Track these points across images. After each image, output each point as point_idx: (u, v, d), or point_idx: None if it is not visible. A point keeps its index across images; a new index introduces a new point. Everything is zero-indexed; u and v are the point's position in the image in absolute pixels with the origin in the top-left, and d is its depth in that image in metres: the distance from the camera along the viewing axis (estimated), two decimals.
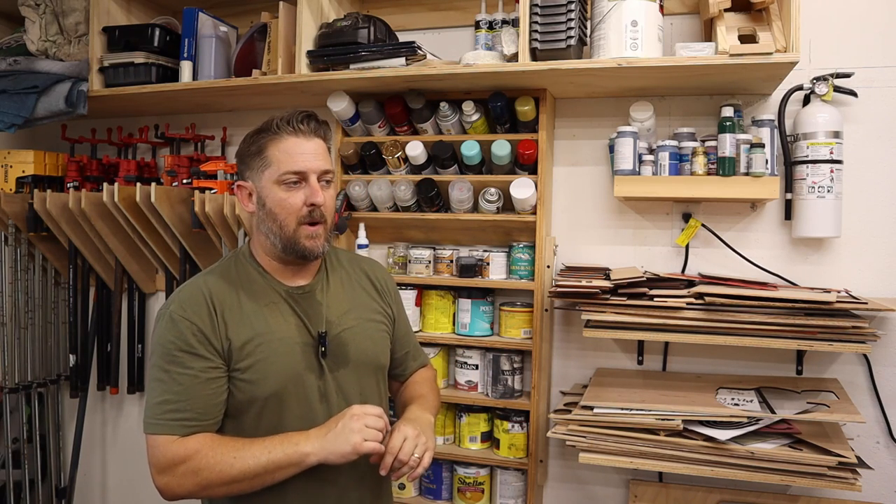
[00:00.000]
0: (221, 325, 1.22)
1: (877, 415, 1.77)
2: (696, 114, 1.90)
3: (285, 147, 1.24)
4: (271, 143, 1.25)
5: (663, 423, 1.56)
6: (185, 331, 1.20)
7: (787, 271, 1.84)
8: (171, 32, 2.18)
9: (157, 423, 1.19)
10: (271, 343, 1.24)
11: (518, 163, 1.91)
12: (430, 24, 2.14)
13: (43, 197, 2.20)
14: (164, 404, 1.19)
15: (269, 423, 1.24)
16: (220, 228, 2.09)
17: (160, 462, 1.18)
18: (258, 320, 1.25)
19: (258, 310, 1.26)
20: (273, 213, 1.25)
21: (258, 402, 1.23)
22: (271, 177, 1.24)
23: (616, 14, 1.65)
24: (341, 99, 1.97)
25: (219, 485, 1.16)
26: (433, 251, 2.05)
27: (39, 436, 2.44)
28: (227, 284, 1.27)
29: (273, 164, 1.24)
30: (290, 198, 1.24)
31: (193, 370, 1.19)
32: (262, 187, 1.26)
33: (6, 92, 2.11)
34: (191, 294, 1.25)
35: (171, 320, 1.21)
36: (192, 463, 1.16)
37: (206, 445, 1.18)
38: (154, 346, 1.23)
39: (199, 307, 1.22)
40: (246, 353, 1.22)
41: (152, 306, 2.52)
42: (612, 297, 1.66)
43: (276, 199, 1.24)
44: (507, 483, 1.98)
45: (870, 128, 1.78)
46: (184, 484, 1.17)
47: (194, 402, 1.19)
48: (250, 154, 1.28)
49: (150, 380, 1.22)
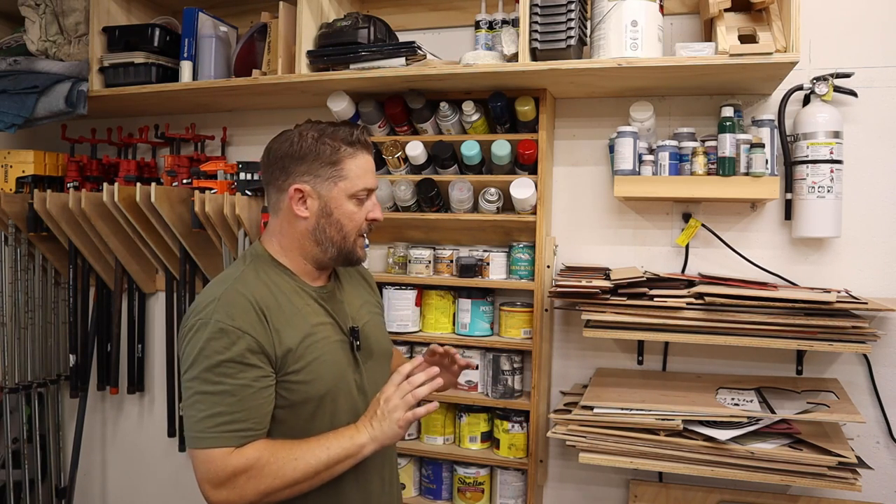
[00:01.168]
0: (274, 333, 1.21)
1: (877, 415, 1.77)
2: (696, 114, 1.90)
3: (361, 164, 1.30)
4: (348, 157, 1.28)
5: (663, 423, 1.56)
6: (238, 341, 1.16)
7: (787, 271, 1.84)
8: (171, 32, 2.18)
9: (211, 436, 1.14)
10: (318, 343, 1.26)
11: (518, 163, 1.91)
12: (430, 24, 2.14)
13: (43, 197, 2.20)
14: (216, 417, 1.15)
15: (322, 420, 1.26)
16: (220, 228, 2.09)
17: (217, 476, 1.14)
18: (302, 322, 1.26)
19: (297, 311, 1.27)
20: (340, 223, 1.29)
21: (313, 401, 1.25)
22: (346, 190, 1.28)
23: (616, 14, 1.65)
24: (341, 99, 1.97)
25: (282, 489, 1.16)
26: (433, 251, 2.05)
27: (39, 436, 2.44)
28: (264, 291, 1.25)
29: (349, 178, 1.28)
30: (359, 212, 1.31)
31: (246, 380, 1.16)
32: (332, 198, 1.28)
33: (6, 92, 2.11)
34: (234, 301, 1.20)
35: (220, 330, 1.16)
36: (252, 472, 1.14)
37: (264, 452, 1.16)
38: (195, 356, 1.17)
39: (249, 314, 1.19)
40: (299, 356, 1.23)
41: (152, 306, 2.52)
42: (612, 297, 1.66)
43: (345, 212, 1.29)
44: (507, 483, 1.98)
45: (870, 128, 1.78)
46: (245, 494, 1.14)
47: (250, 413, 1.17)
48: (321, 162, 1.27)
49: (193, 392, 1.17)
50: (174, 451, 2.37)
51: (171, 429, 2.35)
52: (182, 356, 1.21)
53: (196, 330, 1.18)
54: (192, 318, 1.20)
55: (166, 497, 2.53)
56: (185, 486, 2.49)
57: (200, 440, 1.15)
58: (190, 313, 1.22)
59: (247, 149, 2.37)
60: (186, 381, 1.19)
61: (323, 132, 1.29)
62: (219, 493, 1.15)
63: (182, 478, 2.49)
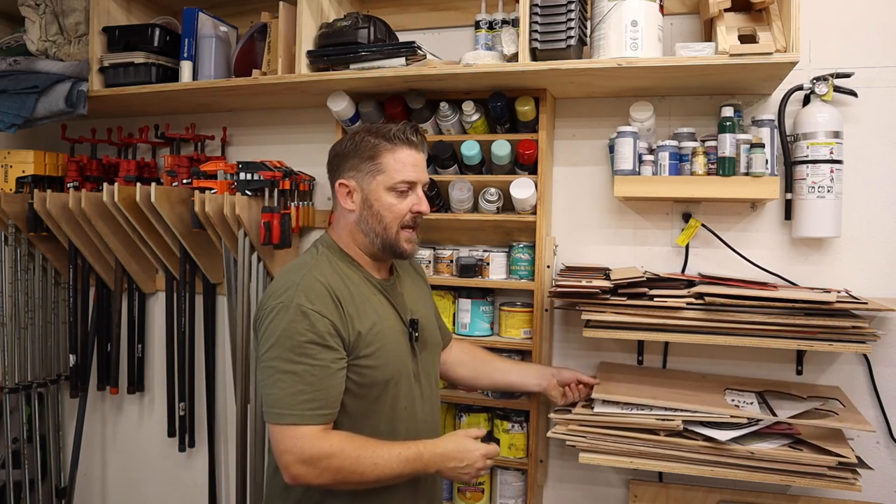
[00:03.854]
0: (348, 317, 1.29)
1: (877, 415, 1.77)
2: (696, 114, 1.90)
3: (400, 157, 1.36)
4: (386, 151, 1.35)
5: (663, 423, 1.56)
6: (318, 323, 1.25)
7: (787, 271, 1.84)
8: (171, 32, 2.18)
9: (297, 413, 1.23)
10: (385, 330, 1.35)
11: (518, 163, 1.91)
12: (430, 24, 2.14)
13: (43, 197, 2.20)
14: (299, 395, 1.23)
15: (384, 403, 1.35)
16: (220, 228, 2.09)
17: (304, 453, 1.22)
18: (370, 309, 1.35)
19: (366, 300, 1.35)
20: (380, 215, 1.36)
21: (379, 385, 1.34)
22: (384, 182, 1.36)
23: (616, 14, 1.65)
24: (341, 99, 1.97)
25: (354, 483, 1.26)
26: (433, 251, 2.05)
27: (39, 436, 2.44)
28: (338, 279, 1.34)
29: (386, 172, 1.35)
30: (399, 204, 1.36)
31: (324, 361, 1.25)
32: (371, 190, 1.36)
33: (6, 92, 2.11)
34: (312, 286, 1.28)
35: (302, 313, 1.24)
36: (334, 460, 1.23)
37: (347, 445, 1.25)
38: (276, 337, 1.25)
39: (326, 299, 1.28)
40: (369, 341, 1.31)
41: (152, 306, 2.52)
42: (612, 297, 1.66)
43: (385, 204, 1.36)
44: (507, 483, 1.98)
45: (870, 128, 1.78)
46: (322, 476, 1.24)
47: (328, 392, 1.25)
48: (361, 157, 1.37)
49: (275, 371, 1.25)
50: (174, 451, 2.37)
51: (170, 429, 2.35)
52: (261, 337, 1.29)
53: (277, 312, 1.26)
54: (272, 300, 1.28)
55: (166, 497, 2.53)
56: (186, 486, 2.49)
57: (287, 416, 1.23)
58: (268, 297, 1.30)
59: (247, 149, 2.37)
60: (269, 361, 1.26)
61: (369, 131, 1.38)
62: (300, 468, 1.23)
63: (182, 478, 2.49)
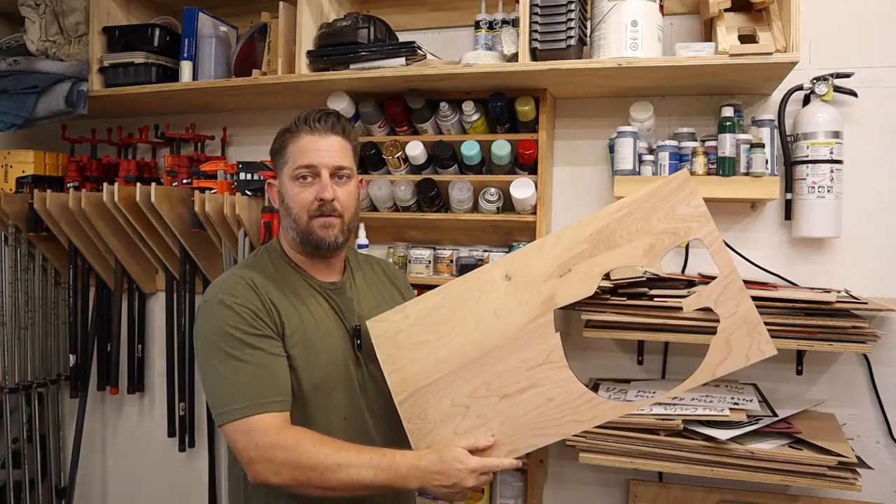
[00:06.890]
0: (273, 310, 1.24)
1: (877, 415, 1.77)
2: (696, 114, 1.90)
3: (300, 144, 1.30)
4: (290, 141, 1.31)
5: (663, 423, 1.56)
6: (243, 313, 1.21)
7: (787, 271, 1.84)
8: (171, 32, 2.18)
9: (244, 406, 1.16)
10: (318, 332, 1.28)
11: (518, 163, 1.91)
12: (430, 24, 2.14)
13: (43, 197, 2.20)
14: (243, 387, 1.17)
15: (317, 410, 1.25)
16: (220, 228, 2.09)
17: (259, 444, 1.14)
18: (303, 310, 1.29)
19: (301, 301, 1.30)
20: (289, 206, 1.31)
21: (306, 389, 1.25)
22: (288, 172, 1.31)
23: (616, 14, 1.65)
24: (341, 99, 1.97)
25: (317, 487, 1.15)
26: (433, 251, 2.04)
27: (39, 436, 2.44)
28: (266, 278, 1.29)
29: (290, 161, 1.30)
30: (303, 192, 1.29)
31: (263, 349, 1.20)
32: (282, 184, 1.33)
33: (6, 92, 2.11)
34: (235, 283, 1.26)
35: (225, 306, 1.21)
36: (291, 454, 1.14)
37: (305, 438, 1.16)
38: (208, 334, 1.21)
39: (247, 291, 1.24)
40: (295, 341, 1.25)
41: (152, 306, 2.52)
42: (612, 297, 1.66)
43: (290, 194, 1.30)
44: (507, 483, 1.98)
45: (870, 128, 1.78)
46: (281, 473, 1.14)
47: (275, 379, 1.19)
48: (274, 152, 1.35)
49: (213, 369, 1.19)
50: (174, 451, 2.37)
51: (171, 429, 2.34)
52: (195, 343, 1.26)
53: (201, 312, 1.25)
54: (203, 303, 1.26)
55: (166, 497, 2.53)
56: (185, 486, 2.49)
57: (233, 412, 1.16)
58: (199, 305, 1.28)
59: (247, 149, 2.37)
60: (205, 363, 1.22)
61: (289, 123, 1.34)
62: (258, 464, 1.14)
63: (182, 478, 2.49)
